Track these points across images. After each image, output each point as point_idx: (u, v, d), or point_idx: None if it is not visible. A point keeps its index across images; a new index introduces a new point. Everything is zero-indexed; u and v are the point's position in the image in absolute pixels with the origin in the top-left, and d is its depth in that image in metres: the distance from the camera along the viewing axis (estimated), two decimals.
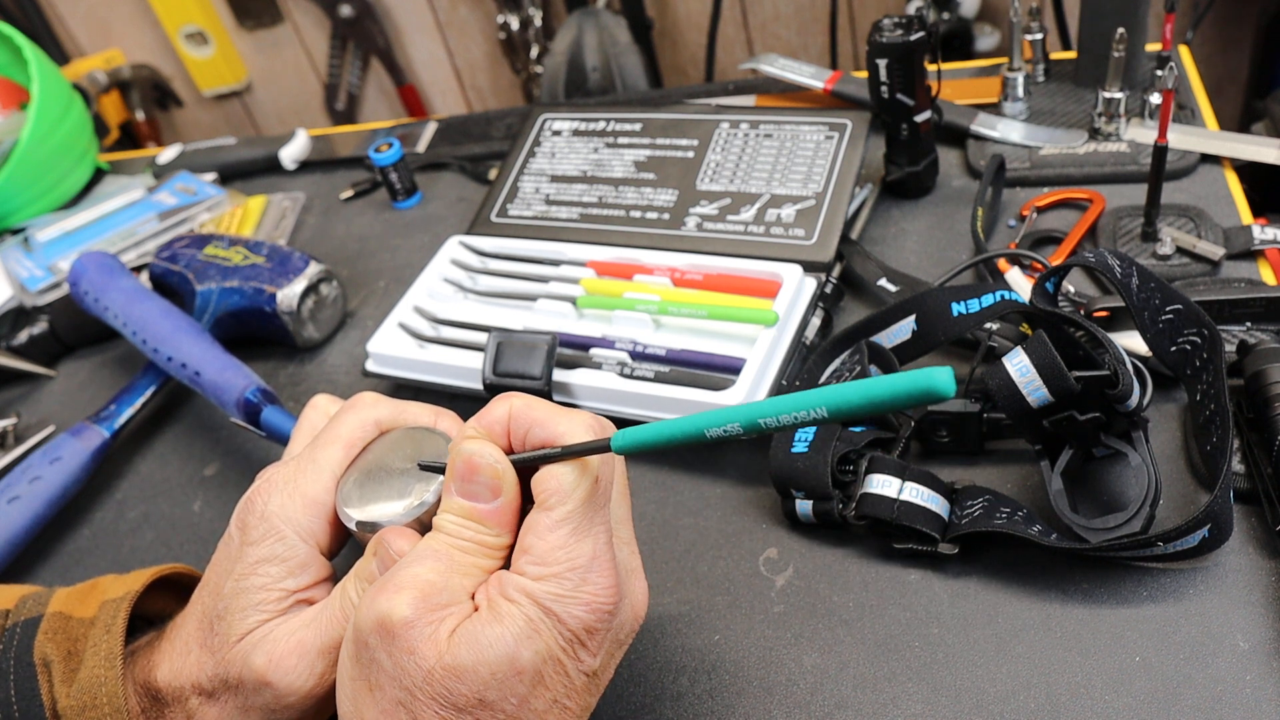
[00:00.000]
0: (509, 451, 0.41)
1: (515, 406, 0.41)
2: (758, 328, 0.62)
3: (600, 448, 0.38)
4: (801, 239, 0.69)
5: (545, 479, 0.39)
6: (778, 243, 0.70)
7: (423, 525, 0.43)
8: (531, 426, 0.40)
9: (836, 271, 0.69)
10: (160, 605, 0.49)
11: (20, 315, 0.85)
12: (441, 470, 0.43)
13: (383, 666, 0.37)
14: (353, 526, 0.43)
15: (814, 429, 0.55)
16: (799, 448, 0.54)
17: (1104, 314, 0.60)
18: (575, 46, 1.59)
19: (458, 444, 0.40)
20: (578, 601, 0.37)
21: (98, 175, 1.06)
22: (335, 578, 0.45)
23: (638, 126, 0.81)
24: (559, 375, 0.63)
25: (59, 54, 1.90)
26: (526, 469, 0.40)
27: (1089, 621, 0.49)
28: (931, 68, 0.72)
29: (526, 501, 0.40)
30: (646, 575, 0.43)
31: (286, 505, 0.43)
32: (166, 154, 1.05)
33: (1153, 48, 0.80)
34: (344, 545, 0.46)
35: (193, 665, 0.43)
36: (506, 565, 0.40)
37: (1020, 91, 0.80)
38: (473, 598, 0.39)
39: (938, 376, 0.28)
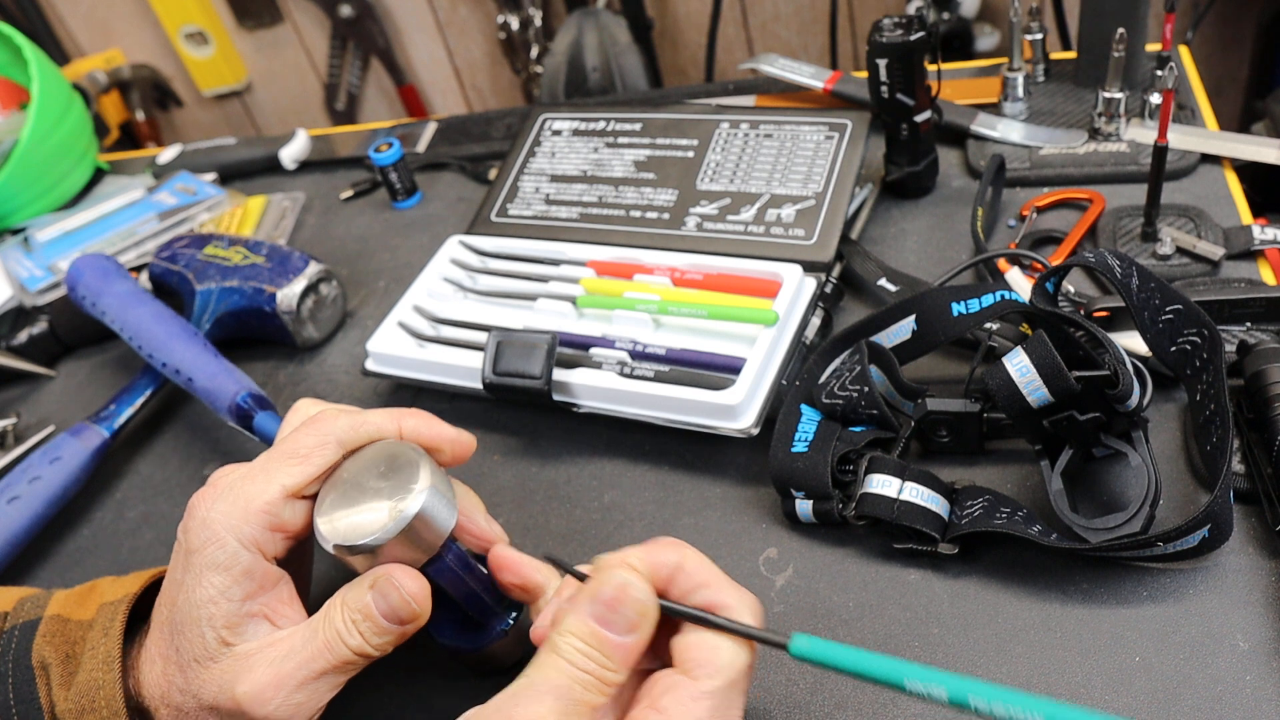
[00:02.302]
0: (660, 594, 0.40)
1: (688, 561, 0.40)
2: (758, 327, 0.62)
3: (775, 643, 0.37)
4: (801, 239, 0.69)
5: (699, 646, 0.38)
6: (778, 243, 0.69)
7: (406, 543, 0.43)
8: (698, 588, 0.40)
9: (836, 271, 0.69)
10: None
11: (20, 315, 0.85)
12: (576, 575, 0.42)
13: None
14: (330, 549, 0.43)
15: (815, 427, 0.55)
16: (799, 447, 0.54)
17: (1104, 314, 0.60)
18: (575, 46, 1.59)
19: (612, 567, 0.39)
20: None
21: (98, 175, 1.06)
22: (315, 601, 0.45)
23: (638, 126, 0.81)
24: (559, 375, 0.63)
25: (59, 54, 1.90)
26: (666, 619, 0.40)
27: (1089, 621, 0.49)
28: (931, 68, 0.72)
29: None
30: None
31: (230, 512, 0.43)
32: (166, 154, 1.05)
33: (1153, 48, 0.80)
34: (291, 553, 0.46)
35: (158, 676, 0.43)
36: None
37: (1020, 91, 0.80)
38: None
39: None
